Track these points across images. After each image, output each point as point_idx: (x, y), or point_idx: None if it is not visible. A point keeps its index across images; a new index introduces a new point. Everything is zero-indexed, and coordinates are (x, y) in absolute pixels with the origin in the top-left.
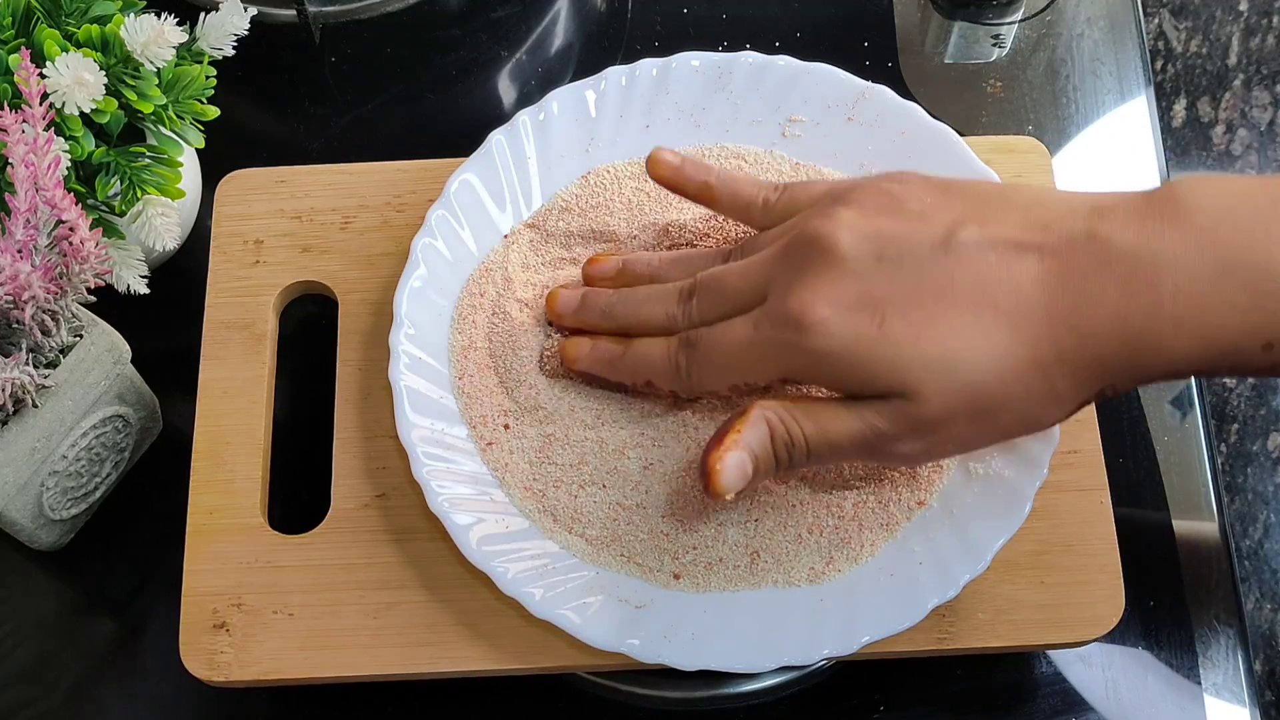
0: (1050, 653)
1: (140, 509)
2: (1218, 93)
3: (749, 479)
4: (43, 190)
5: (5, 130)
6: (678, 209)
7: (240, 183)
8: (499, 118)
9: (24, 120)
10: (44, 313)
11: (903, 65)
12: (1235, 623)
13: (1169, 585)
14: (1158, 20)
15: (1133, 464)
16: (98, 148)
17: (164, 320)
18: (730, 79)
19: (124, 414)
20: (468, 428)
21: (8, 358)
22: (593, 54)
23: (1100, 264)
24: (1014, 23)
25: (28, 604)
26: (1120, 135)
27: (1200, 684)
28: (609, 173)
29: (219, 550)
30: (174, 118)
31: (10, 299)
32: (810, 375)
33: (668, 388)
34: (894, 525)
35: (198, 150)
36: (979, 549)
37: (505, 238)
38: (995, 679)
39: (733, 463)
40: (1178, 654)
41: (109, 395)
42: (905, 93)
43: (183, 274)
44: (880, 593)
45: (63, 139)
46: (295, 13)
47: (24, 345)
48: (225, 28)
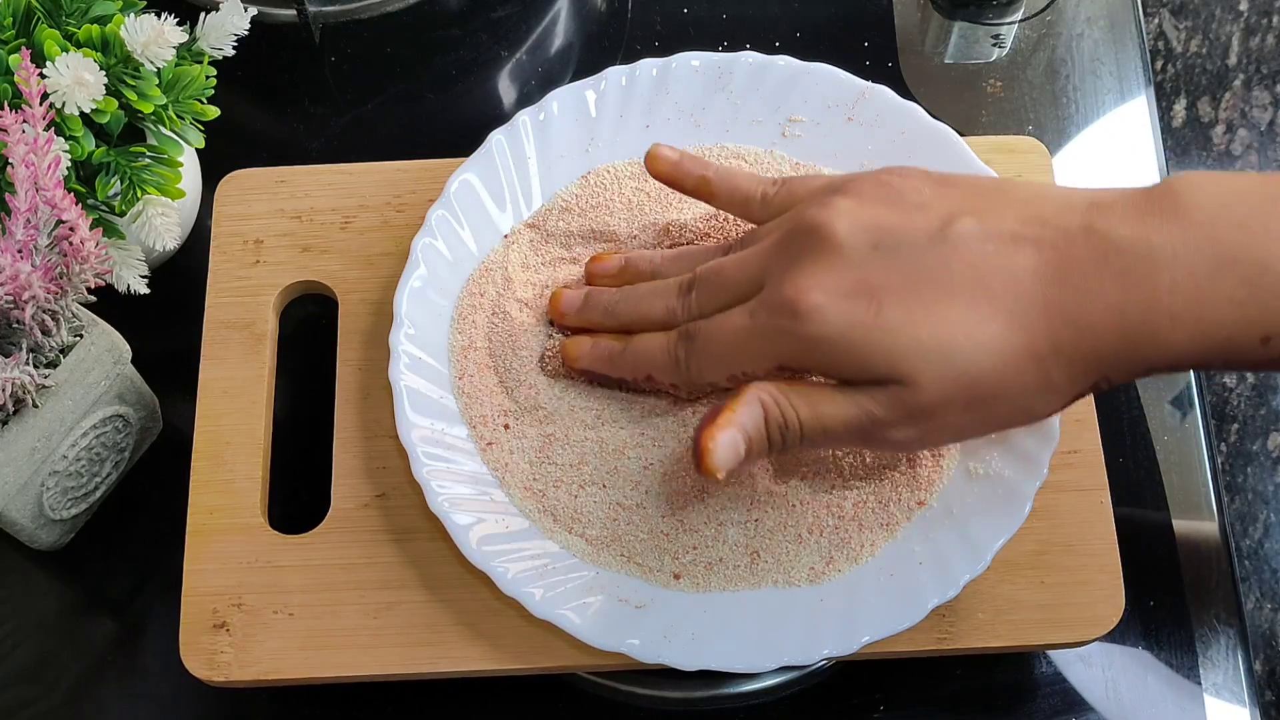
0: (1050, 653)
1: (140, 509)
2: (1218, 93)
3: (741, 458)
4: (43, 190)
5: (5, 130)
6: (678, 209)
7: (240, 183)
8: (499, 118)
9: (24, 120)
10: (44, 313)
11: (903, 65)
12: (1235, 623)
13: (1169, 585)
14: (1158, 20)
15: (1133, 464)
16: (98, 148)
17: (164, 320)
18: (730, 79)
19: (124, 414)
20: (468, 428)
21: (8, 358)
22: (593, 54)
23: (1098, 257)
24: (1014, 23)
25: (28, 604)
26: (1120, 135)
27: (1200, 684)
28: (609, 173)
29: (219, 550)
30: (174, 118)
31: (10, 299)
32: (805, 362)
33: (667, 381)
34: (894, 525)
35: (198, 150)
36: (979, 549)
37: (505, 238)
38: (995, 679)
39: (725, 441)
40: (1178, 654)
41: (109, 395)
42: (905, 93)
43: (183, 274)
44: (880, 593)
45: (63, 139)
46: (295, 13)
47: (24, 345)
48: (225, 28)
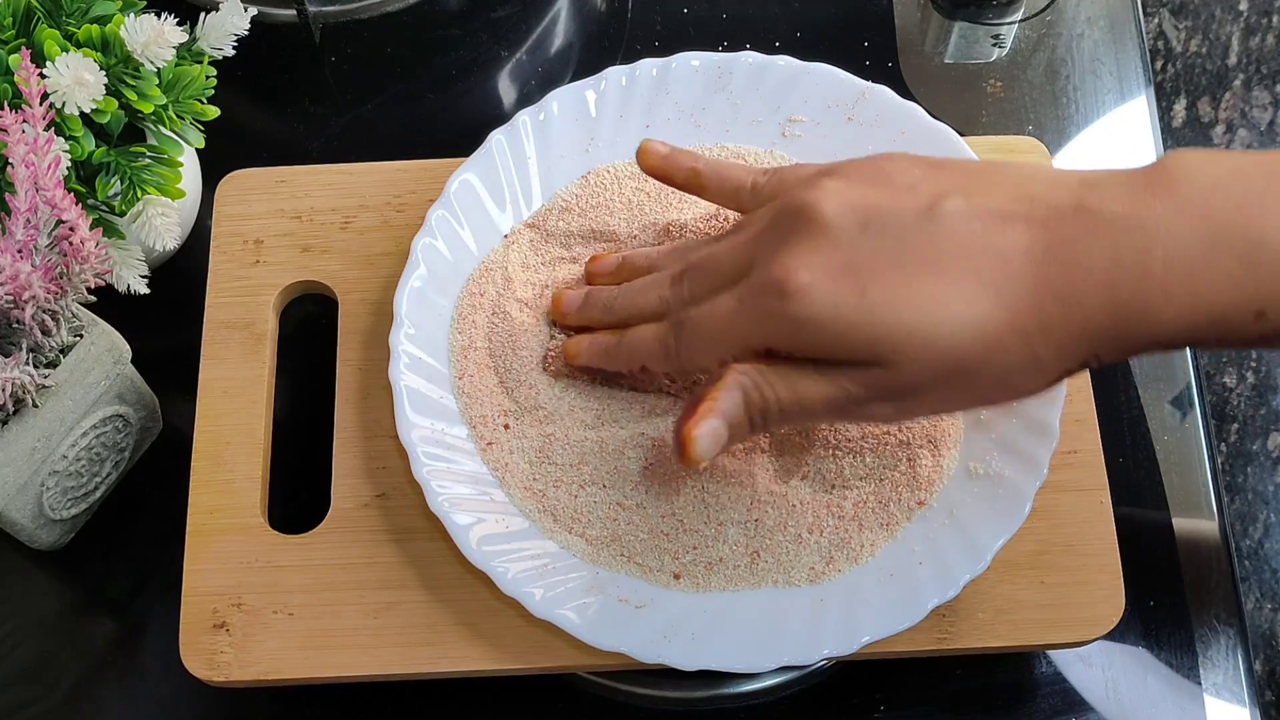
0: (1050, 653)
1: (140, 509)
2: (1218, 93)
3: (723, 445)
4: (43, 190)
5: (5, 130)
6: (678, 209)
7: (240, 183)
8: (499, 118)
9: (24, 120)
10: (44, 312)
11: (903, 65)
12: (1235, 623)
13: (1169, 585)
14: (1158, 20)
15: (1133, 464)
16: (98, 148)
17: (164, 320)
18: (730, 79)
19: (124, 414)
20: (468, 428)
21: (8, 358)
22: (593, 54)
23: (1088, 233)
24: (1014, 23)
25: (28, 604)
26: (1120, 135)
27: (1200, 684)
28: (609, 173)
29: (219, 550)
30: (174, 118)
31: (10, 299)
32: (792, 343)
33: (661, 370)
34: (894, 525)
35: (198, 150)
36: (979, 549)
37: (505, 237)
38: (995, 679)
39: (707, 430)
40: (1178, 654)
41: (109, 395)
42: (905, 93)
43: (183, 274)
44: (880, 593)
45: (63, 139)
46: (295, 13)
47: (24, 345)
48: (225, 28)
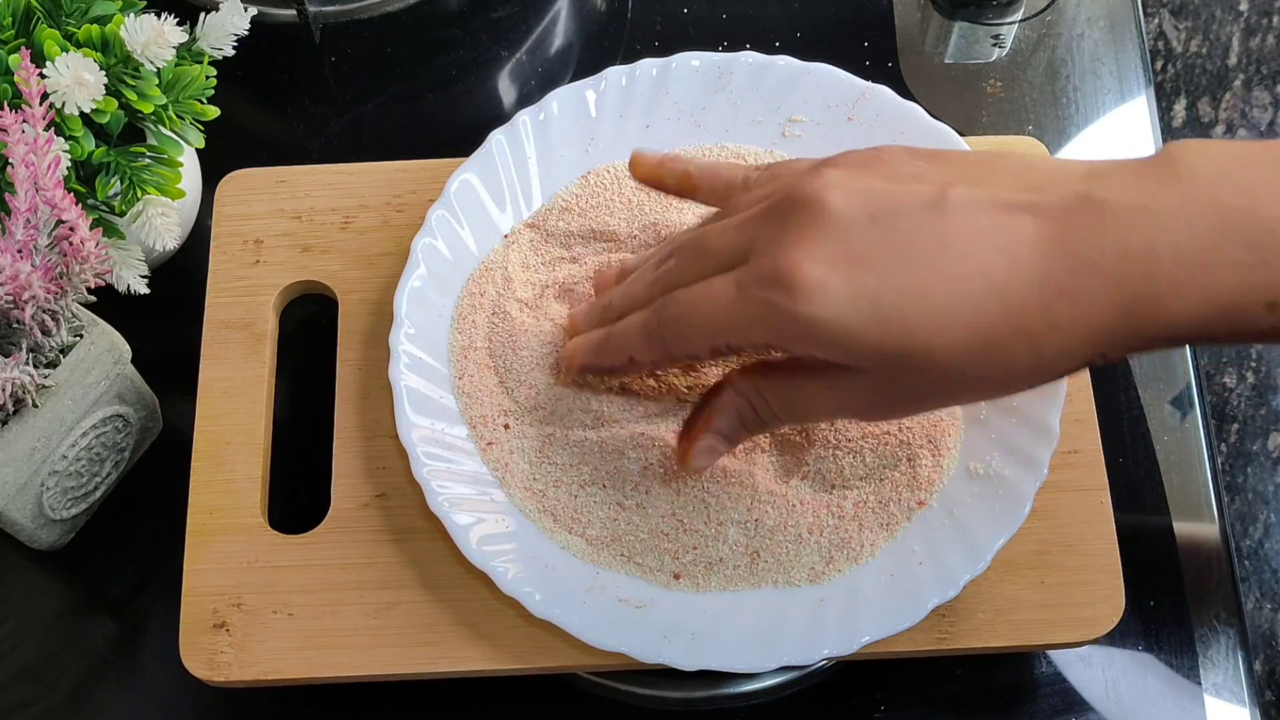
0: (1050, 653)
1: (140, 509)
2: (1218, 93)
3: (718, 457)
4: (43, 190)
5: (5, 130)
6: (678, 209)
7: (240, 183)
8: (499, 118)
9: (24, 120)
10: (44, 312)
11: (903, 65)
12: (1235, 623)
13: (1169, 585)
14: (1158, 20)
15: (1133, 464)
16: (98, 148)
17: (164, 320)
18: (730, 79)
19: (124, 414)
20: (468, 428)
21: (8, 358)
22: (593, 54)
23: (1096, 226)
24: (1014, 23)
25: (28, 604)
26: (1120, 135)
27: (1200, 684)
28: (609, 173)
29: (219, 550)
30: (174, 118)
31: (10, 299)
32: (795, 343)
33: (648, 359)
34: (894, 525)
35: (198, 150)
36: (979, 549)
37: (505, 237)
38: (995, 679)
39: (703, 448)
40: (1178, 654)
41: (109, 395)
42: (905, 93)
43: (183, 274)
44: (880, 593)
45: (63, 139)
46: (295, 13)
47: (24, 345)
48: (225, 28)
